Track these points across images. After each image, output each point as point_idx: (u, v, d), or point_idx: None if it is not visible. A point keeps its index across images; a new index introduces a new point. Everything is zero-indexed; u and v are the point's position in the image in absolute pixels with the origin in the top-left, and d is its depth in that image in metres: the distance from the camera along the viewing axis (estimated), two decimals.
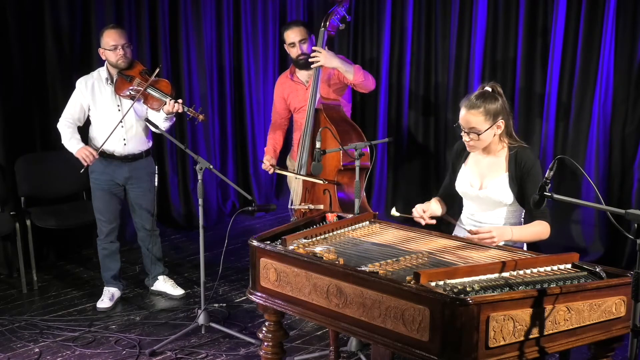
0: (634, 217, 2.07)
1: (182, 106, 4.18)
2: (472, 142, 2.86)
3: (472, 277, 2.30)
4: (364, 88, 4.30)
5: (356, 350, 3.71)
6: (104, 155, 4.33)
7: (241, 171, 6.73)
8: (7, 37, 4.89)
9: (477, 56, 5.55)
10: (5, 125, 4.92)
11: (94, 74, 4.34)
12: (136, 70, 4.28)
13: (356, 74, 4.19)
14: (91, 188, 4.46)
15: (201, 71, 6.12)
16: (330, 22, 4.23)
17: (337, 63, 4.16)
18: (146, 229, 4.55)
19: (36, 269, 4.77)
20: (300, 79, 4.47)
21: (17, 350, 3.81)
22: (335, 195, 4.13)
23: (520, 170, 2.86)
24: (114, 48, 4.19)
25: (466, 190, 2.99)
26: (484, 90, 2.86)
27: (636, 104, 4.84)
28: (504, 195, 2.88)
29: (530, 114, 5.34)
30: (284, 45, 4.47)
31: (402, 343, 2.22)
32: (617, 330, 2.39)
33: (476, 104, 2.80)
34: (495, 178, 2.90)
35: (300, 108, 4.44)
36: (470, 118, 2.81)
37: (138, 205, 4.49)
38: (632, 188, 4.86)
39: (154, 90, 4.22)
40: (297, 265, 2.58)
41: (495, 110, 2.81)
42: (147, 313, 4.38)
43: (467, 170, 3.01)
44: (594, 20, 4.89)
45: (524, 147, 2.92)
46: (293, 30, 4.37)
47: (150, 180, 4.48)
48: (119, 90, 4.23)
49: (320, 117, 4.21)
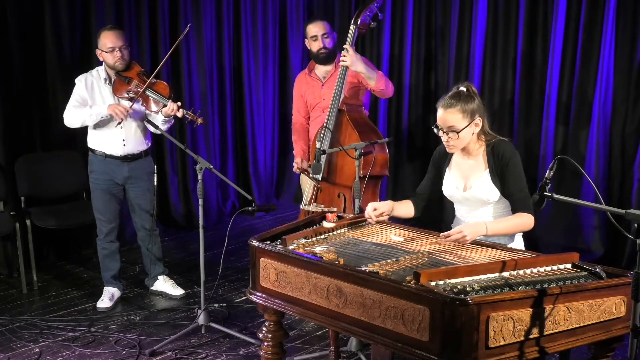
0: (634, 217, 2.07)
1: (180, 110, 4.17)
2: (451, 142, 2.86)
3: (472, 277, 2.30)
4: (384, 95, 4.26)
5: (356, 350, 3.71)
6: (103, 155, 4.33)
7: (241, 171, 6.73)
8: (7, 37, 4.90)
9: (477, 56, 5.55)
10: (5, 125, 4.92)
11: (93, 72, 4.33)
12: (134, 72, 4.26)
13: (378, 81, 4.11)
14: (90, 188, 4.46)
15: (201, 71, 6.12)
16: (361, 19, 4.09)
17: (362, 68, 4.05)
18: (146, 229, 4.55)
19: (36, 269, 4.77)
20: (317, 75, 4.43)
21: (17, 350, 3.81)
22: (350, 201, 4.04)
23: (499, 162, 2.86)
24: (111, 50, 4.16)
25: (452, 194, 3.00)
26: (459, 90, 2.86)
27: (636, 104, 4.84)
28: (489, 192, 2.88)
29: (530, 114, 5.34)
30: (305, 41, 4.43)
31: (402, 343, 2.22)
32: (617, 330, 2.39)
33: (452, 103, 2.81)
34: (478, 178, 2.91)
35: (315, 105, 4.39)
36: (447, 117, 2.82)
37: (137, 205, 4.49)
38: (632, 188, 4.86)
39: (152, 92, 4.21)
40: (297, 265, 2.58)
41: (472, 109, 2.82)
42: (147, 313, 4.38)
43: (452, 174, 3.02)
44: (594, 20, 4.89)
45: (501, 139, 2.92)
46: (316, 24, 4.33)
47: (150, 180, 4.48)
48: (117, 92, 4.22)
49: (342, 118, 4.12)
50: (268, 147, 6.85)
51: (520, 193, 2.82)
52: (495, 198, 2.89)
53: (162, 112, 4.21)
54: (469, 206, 2.97)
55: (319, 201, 4.19)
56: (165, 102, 4.18)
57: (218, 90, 6.35)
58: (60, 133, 5.14)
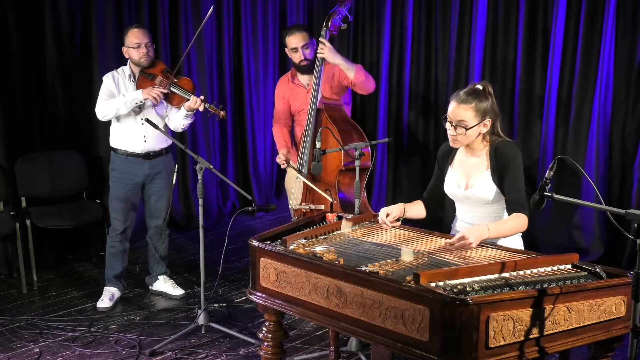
0: (634, 217, 2.07)
1: (203, 103, 4.22)
2: (458, 137, 2.85)
3: (472, 278, 2.30)
4: (363, 89, 4.30)
5: (356, 350, 3.71)
6: (125, 154, 4.36)
7: (241, 171, 6.73)
8: (7, 37, 4.90)
9: (477, 56, 5.54)
10: (5, 125, 4.92)
11: (118, 70, 4.38)
12: (158, 69, 4.33)
13: (357, 72, 4.19)
14: (110, 185, 4.47)
15: (201, 71, 6.12)
16: (332, 22, 4.24)
17: (340, 60, 4.19)
18: (157, 227, 4.57)
19: (36, 269, 4.77)
20: (301, 82, 4.48)
21: (17, 350, 3.81)
22: (336, 196, 4.13)
23: (500, 162, 2.86)
24: (137, 46, 4.24)
25: (454, 192, 2.99)
26: (475, 88, 2.86)
27: (636, 104, 4.84)
28: (489, 192, 2.88)
29: (530, 114, 5.34)
30: (285, 50, 4.46)
31: (402, 343, 2.22)
32: (617, 330, 2.39)
33: (467, 100, 2.81)
34: (479, 177, 2.91)
35: (301, 111, 4.45)
36: (459, 112, 2.81)
37: (154, 202, 4.51)
38: (632, 188, 4.86)
39: (176, 87, 4.27)
40: (297, 265, 2.58)
41: (485, 109, 2.82)
42: (147, 313, 4.38)
43: (454, 172, 3.01)
44: (594, 20, 4.89)
45: (506, 140, 2.92)
46: (295, 36, 4.36)
47: (169, 178, 4.51)
48: (142, 88, 4.26)
49: (321, 117, 4.21)
50: (268, 147, 6.85)
51: (517, 193, 2.81)
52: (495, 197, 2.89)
53: (184, 107, 4.25)
54: (469, 205, 2.97)
55: (308, 200, 4.26)
56: (189, 97, 4.22)
57: (218, 90, 6.35)
58: (60, 133, 5.16)
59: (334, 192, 4.13)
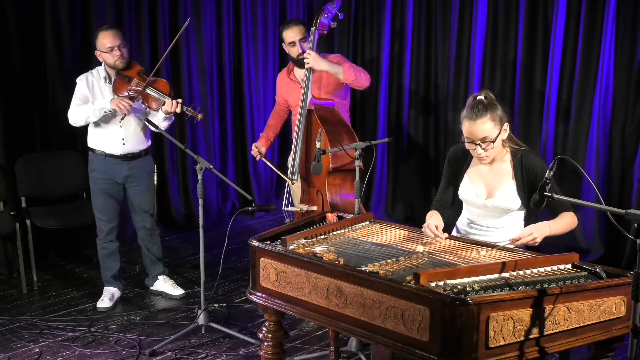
0: (634, 217, 2.07)
1: (180, 106, 4.18)
2: (488, 152, 2.81)
3: (472, 278, 2.30)
4: (358, 86, 4.30)
5: (356, 350, 3.71)
6: (103, 155, 4.34)
7: (241, 171, 6.73)
8: (7, 37, 4.89)
9: (477, 56, 5.55)
10: (5, 125, 4.92)
11: (93, 72, 4.32)
12: (134, 71, 4.26)
13: (346, 73, 4.17)
14: (90, 187, 4.45)
15: (201, 71, 6.12)
16: (320, 21, 4.20)
17: (325, 66, 4.16)
18: (146, 228, 4.55)
19: (36, 269, 4.77)
20: (297, 77, 4.47)
21: (17, 350, 3.81)
22: (327, 197, 4.12)
23: (529, 177, 2.85)
24: (110, 50, 4.16)
25: (471, 199, 2.95)
26: (480, 100, 2.82)
27: (636, 104, 4.84)
28: (513, 202, 2.87)
29: (530, 114, 5.34)
30: (283, 45, 4.46)
31: (402, 343, 2.22)
32: (617, 330, 2.39)
33: (481, 114, 2.76)
34: (503, 187, 2.88)
35: (296, 105, 4.44)
36: (479, 128, 2.76)
37: (137, 204, 4.49)
38: (632, 188, 4.86)
39: (152, 90, 4.21)
40: (297, 265, 2.58)
41: (500, 115, 2.81)
42: (147, 313, 4.38)
43: (471, 179, 2.97)
44: (594, 20, 4.89)
45: (527, 152, 2.91)
46: (293, 30, 4.36)
47: (149, 179, 4.48)
48: (118, 91, 4.22)
49: (312, 119, 4.19)
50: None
51: None
52: (517, 207, 2.89)
53: (162, 110, 4.21)
54: (486, 212, 2.95)
55: (304, 202, 4.29)
56: (165, 99, 4.18)
57: (218, 90, 6.35)
58: (60, 133, 5.15)
59: (324, 193, 4.12)
